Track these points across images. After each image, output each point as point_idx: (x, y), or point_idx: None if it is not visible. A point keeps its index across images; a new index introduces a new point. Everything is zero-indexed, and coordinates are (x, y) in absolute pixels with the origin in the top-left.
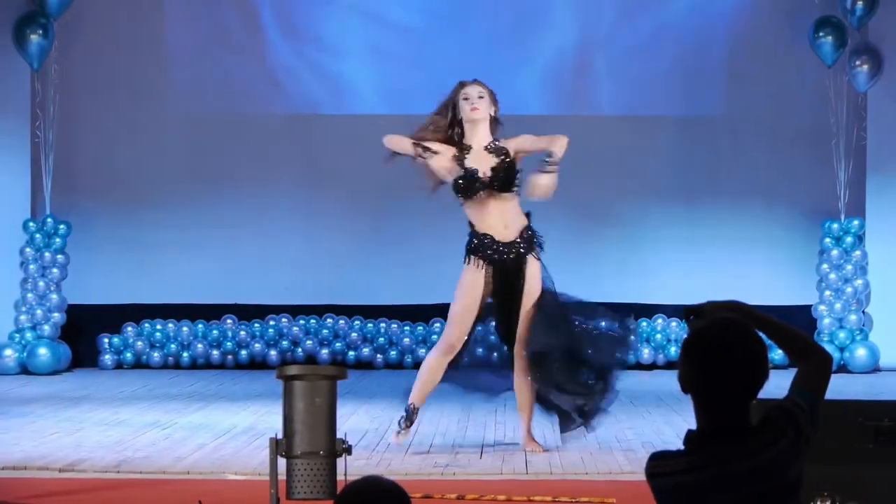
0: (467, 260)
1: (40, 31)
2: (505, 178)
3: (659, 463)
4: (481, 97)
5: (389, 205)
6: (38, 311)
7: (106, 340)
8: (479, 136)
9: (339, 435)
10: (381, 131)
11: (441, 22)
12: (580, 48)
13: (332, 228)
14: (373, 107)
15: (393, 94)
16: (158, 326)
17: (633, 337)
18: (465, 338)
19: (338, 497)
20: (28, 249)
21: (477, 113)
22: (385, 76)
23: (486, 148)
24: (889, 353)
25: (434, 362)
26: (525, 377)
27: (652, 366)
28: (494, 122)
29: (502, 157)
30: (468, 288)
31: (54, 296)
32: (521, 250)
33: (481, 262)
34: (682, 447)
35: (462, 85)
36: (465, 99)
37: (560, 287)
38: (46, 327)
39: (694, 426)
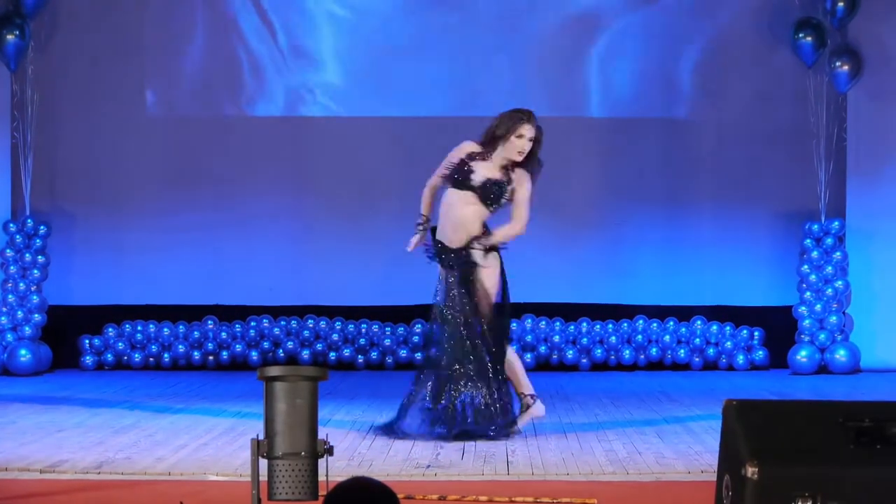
0: (488, 259)
1: (16, 32)
2: (491, 191)
3: None
4: (531, 140)
5: (370, 206)
6: (19, 313)
7: (87, 341)
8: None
9: (321, 436)
10: (364, 133)
11: (424, 26)
12: (562, 50)
13: (313, 230)
14: (354, 109)
15: (374, 95)
16: (139, 327)
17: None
18: None
19: (326, 497)
20: (8, 251)
21: (522, 157)
22: (367, 78)
23: (501, 165)
24: (869, 354)
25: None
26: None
27: (633, 366)
28: (533, 157)
29: (504, 181)
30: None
31: (35, 297)
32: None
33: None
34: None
35: (528, 119)
36: (520, 137)
37: (544, 287)
38: (27, 328)
39: None
